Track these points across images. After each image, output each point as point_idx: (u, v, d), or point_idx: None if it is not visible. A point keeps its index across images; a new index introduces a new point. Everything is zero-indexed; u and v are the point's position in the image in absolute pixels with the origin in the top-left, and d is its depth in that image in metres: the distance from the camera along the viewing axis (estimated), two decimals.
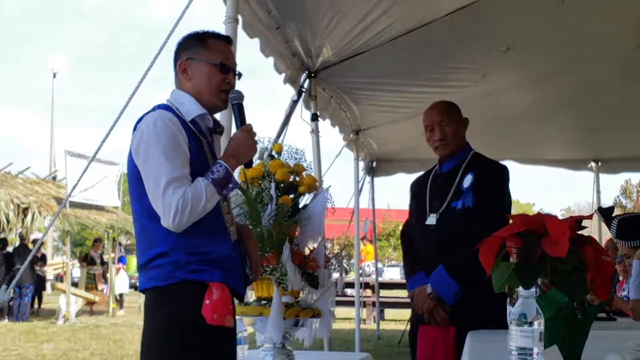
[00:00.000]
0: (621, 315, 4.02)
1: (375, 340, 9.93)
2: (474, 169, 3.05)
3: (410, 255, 3.21)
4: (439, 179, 3.16)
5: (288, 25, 4.22)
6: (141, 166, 2.09)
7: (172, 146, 2.07)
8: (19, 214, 13.35)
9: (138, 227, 2.17)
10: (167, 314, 2.07)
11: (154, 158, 2.05)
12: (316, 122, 5.27)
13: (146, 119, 2.13)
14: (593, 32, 4.88)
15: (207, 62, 2.24)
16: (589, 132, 7.19)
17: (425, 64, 5.22)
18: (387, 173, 8.70)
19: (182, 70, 2.25)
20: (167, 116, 2.11)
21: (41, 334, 11.39)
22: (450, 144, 3.11)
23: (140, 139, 2.09)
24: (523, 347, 1.50)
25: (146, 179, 2.07)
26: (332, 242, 17.23)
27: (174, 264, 2.06)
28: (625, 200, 36.90)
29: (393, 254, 40.67)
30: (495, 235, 1.70)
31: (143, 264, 2.12)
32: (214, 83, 2.23)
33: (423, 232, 3.10)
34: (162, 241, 2.07)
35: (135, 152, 2.11)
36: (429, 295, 2.97)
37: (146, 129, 2.09)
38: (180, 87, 2.27)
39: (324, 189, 2.56)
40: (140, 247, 2.14)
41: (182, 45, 2.29)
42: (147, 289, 2.11)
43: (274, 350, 2.34)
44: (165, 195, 2.01)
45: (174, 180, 2.03)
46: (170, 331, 2.06)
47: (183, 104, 2.21)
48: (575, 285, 1.64)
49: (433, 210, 3.08)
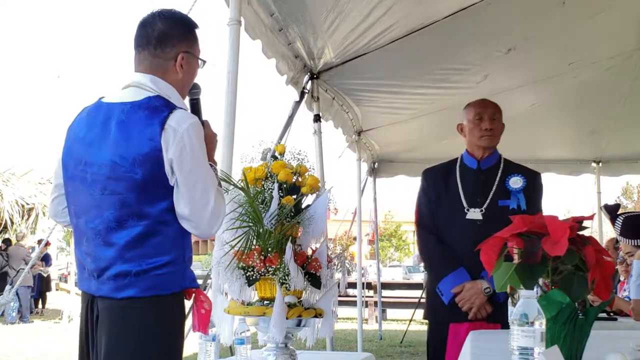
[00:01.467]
0: (622, 316, 4.03)
1: (378, 340, 9.93)
2: (515, 171, 3.12)
3: (444, 249, 3.11)
4: (480, 175, 3.16)
5: (290, 27, 4.23)
6: (185, 174, 1.95)
7: (206, 153, 2.04)
8: (23, 214, 13.37)
9: (140, 231, 1.97)
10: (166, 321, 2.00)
11: (202, 167, 1.99)
12: (319, 124, 5.29)
13: (179, 121, 1.97)
14: (594, 33, 4.89)
15: (198, 59, 2.16)
16: (590, 133, 7.19)
17: (426, 65, 5.23)
18: (389, 174, 8.71)
19: (179, 64, 2.10)
20: (198, 121, 2.03)
21: (45, 334, 11.41)
22: (495, 138, 3.18)
23: (183, 145, 1.95)
24: (524, 346, 1.51)
25: (190, 188, 1.96)
26: (334, 243, 17.22)
27: (179, 273, 2.01)
28: (626, 201, 36.87)
29: (395, 254, 40.64)
30: (497, 236, 1.72)
31: (142, 271, 1.97)
32: (194, 78, 2.18)
33: (463, 226, 3.05)
34: (170, 249, 1.99)
35: (177, 159, 1.94)
36: (484, 291, 2.95)
37: (187, 134, 1.96)
38: (162, 75, 2.09)
39: (327, 189, 2.57)
40: (138, 252, 1.97)
41: (176, 32, 2.12)
42: (145, 297, 1.97)
43: (277, 350, 2.35)
44: (217, 204, 1.98)
45: (219, 189, 2.03)
46: (168, 339, 1.99)
47: (170, 97, 2.07)
48: (576, 286, 1.65)
49: (474, 205, 3.08)
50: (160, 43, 2.09)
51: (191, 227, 1.99)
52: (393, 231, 40.47)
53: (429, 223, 3.21)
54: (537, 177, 3.19)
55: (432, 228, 3.19)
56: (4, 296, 5.82)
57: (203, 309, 2.07)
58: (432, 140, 7.34)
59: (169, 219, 1.98)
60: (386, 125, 6.82)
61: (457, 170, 3.21)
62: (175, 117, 1.97)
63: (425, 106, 5.98)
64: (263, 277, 2.34)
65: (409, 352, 8.86)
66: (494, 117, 3.17)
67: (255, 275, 2.32)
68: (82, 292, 2.11)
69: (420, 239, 3.25)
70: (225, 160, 3.00)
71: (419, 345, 9.50)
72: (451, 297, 3.04)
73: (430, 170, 3.34)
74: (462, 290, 3.00)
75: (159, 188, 1.96)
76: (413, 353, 8.80)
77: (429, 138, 7.32)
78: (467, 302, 2.98)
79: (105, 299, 2.00)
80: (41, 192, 14.21)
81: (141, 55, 2.12)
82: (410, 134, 7.13)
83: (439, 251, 3.13)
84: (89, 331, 2.06)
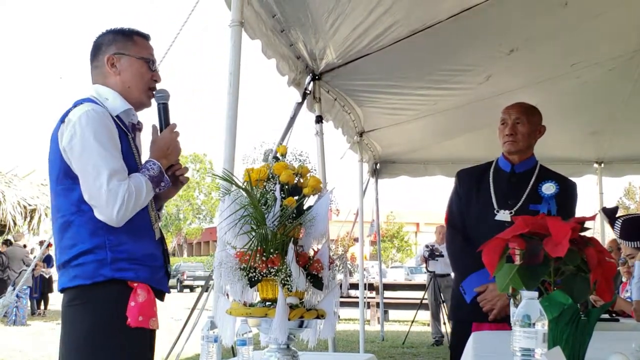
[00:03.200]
0: (624, 317, 4.02)
1: (380, 341, 9.93)
2: (550, 178, 3.08)
3: (469, 249, 3.05)
4: (513, 178, 3.15)
5: (292, 28, 4.23)
6: (76, 159, 2.03)
7: (108, 138, 2.06)
8: (25, 216, 13.40)
9: (61, 223, 2.10)
10: (91, 313, 2.04)
11: (92, 150, 2.02)
12: (320, 125, 5.29)
13: (75, 112, 2.07)
14: (596, 34, 4.89)
15: (138, 58, 2.23)
16: (592, 133, 7.19)
17: (428, 66, 5.23)
18: (390, 175, 8.71)
19: (110, 64, 2.20)
20: (99, 109, 2.09)
21: (47, 335, 11.42)
22: (518, 143, 3.12)
23: (73, 132, 2.03)
24: (526, 348, 1.51)
25: (83, 172, 2.02)
26: (336, 244, 17.23)
27: (100, 262, 2.04)
28: (628, 202, 36.83)
29: (397, 255, 40.63)
30: (499, 237, 1.72)
31: (66, 261, 2.08)
32: (145, 79, 2.24)
33: (492, 227, 2.96)
34: (87, 238, 2.04)
35: (67, 146, 2.04)
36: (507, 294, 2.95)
37: (79, 121, 2.04)
38: (103, 82, 2.22)
39: (328, 190, 2.57)
40: (63, 244, 2.09)
41: (106, 40, 2.25)
42: (70, 287, 2.07)
43: (279, 351, 2.35)
44: (110, 187, 1.99)
45: (116, 172, 2.02)
46: (94, 331, 2.03)
47: (107, 99, 2.17)
48: (578, 287, 1.64)
49: (504, 207, 3.07)
50: (94, 55, 2.27)
51: (97, 213, 2.03)
52: (395, 232, 40.48)
53: (457, 222, 3.22)
54: (573, 185, 3.15)
55: (460, 227, 3.20)
56: (6, 297, 5.82)
57: (133, 302, 2.08)
58: (434, 141, 7.34)
59: (83, 209, 2.04)
60: (388, 126, 6.83)
61: (491, 173, 3.20)
62: (75, 109, 2.09)
63: (427, 107, 5.97)
64: (265, 278, 2.34)
65: (411, 353, 8.86)
66: (518, 121, 3.11)
67: (258, 276, 2.32)
68: None
69: (449, 236, 3.28)
70: (228, 161, 3.00)
71: (420, 346, 9.51)
72: (473, 297, 3.03)
73: (464, 171, 3.34)
74: (485, 290, 2.99)
75: (67, 179, 2.06)
76: (415, 354, 8.80)
77: (431, 139, 7.33)
78: (488, 302, 2.97)
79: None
80: (43, 194, 14.22)
81: (90, 73, 2.29)
82: (412, 134, 7.13)
83: (464, 250, 3.14)
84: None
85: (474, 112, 5.94)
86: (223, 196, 2.27)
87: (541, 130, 3.20)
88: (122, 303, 2.06)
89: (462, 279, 3.10)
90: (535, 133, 3.17)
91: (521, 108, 3.17)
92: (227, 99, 3.12)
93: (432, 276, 9.96)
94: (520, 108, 3.17)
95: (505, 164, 3.20)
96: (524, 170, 3.16)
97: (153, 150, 2.23)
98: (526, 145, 3.15)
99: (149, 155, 2.24)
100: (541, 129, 3.20)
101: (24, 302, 14.08)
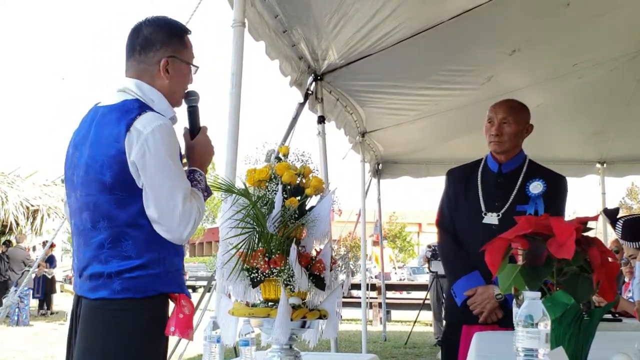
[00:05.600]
0: (627, 317, 4.02)
1: (382, 342, 9.93)
2: (538, 176, 3.03)
3: (461, 252, 3.09)
4: (499, 179, 3.10)
5: (294, 28, 4.23)
6: (149, 176, 1.95)
7: (177, 156, 2.02)
8: (28, 216, 13.43)
9: (111, 233, 1.99)
10: (136, 323, 2.00)
11: (167, 169, 1.96)
12: (323, 125, 5.29)
13: (144, 123, 1.96)
14: (598, 34, 4.89)
15: (187, 64, 2.15)
16: (594, 134, 7.19)
17: (430, 66, 5.23)
18: (393, 176, 8.71)
19: (164, 69, 2.09)
20: (169, 123, 2.01)
21: (50, 336, 11.43)
22: (504, 144, 3.08)
23: (147, 147, 1.94)
24: (529, 348, 1.51)
25: (156, 190, 1.95)
26: (339, 244, 17.23)
27: (154, 277, 2.00)
28: (630, 202, 36.78)
29: (399, 255, 40.61)
30: (502, 237, 1.71)
31: (115, 273, 1.98)
32: (187, 86, 2.17)
33: (479, 230, 3.01)
34: (142, 252, 1.99)
35: (139, 161, 1.94)
36: (496, 297, 2.92)
37: (152, 136, 1.94)
38: (148, 81, 2.09)
39: (331, 191, 2.57)
40: (111, 254, 1.99)
41: (160, 37, 2.11)
42: (117, 299, 1.99)
43: (281, 352, 2.35)
44: (185, 208, 1.96)
45: (188, 192, 2.00)
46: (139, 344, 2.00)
47: (154, 101, 2.07)
48: (581, 287, 1.64)
49: (492, 210, 3.03)
50: (144, 49, 2.10)
51: (162, 231, 1.99)
52: (397, 232, 40.45)
53: (448, 224, 3.20)
54: (561, 180, 3.09)
55: (450, 229, 3.18)
56: (8, 298, 5.83)
57: (181, 314, 2.05)
58: (437, 141, 7.34)
59: (141, 223, 1.98)
60: (390, 127, 6.83)
61: (479, 173, 3.16)
62: (142, 119, 1.97)
63: (430, 107, 5.97)
64: (267, 279, 2.34)
65: (413, 354, 8.86)
66: (505, 121, 3.07)
67: (260, 276, 2.32)
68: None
69: (440, 239, 3.25)
70: (230, 162, 3.01)
71: (423, 347, 9.50)
72: (464, 300, 3.03)
73: (453, 171, 3.31)
74: (475, 293, 2.99)
75: (127, 191, 1.97)
76: (417, 354, 8.80)
77: (433, 139, 7.32)
78: (478, 305, 2.97)
79: (84, 299, 2.04)
80: (46, 194, 14.26)
81: (129, 62, 2.15)
82: (415, 135, 7.13)
83: (455, 253, 3.13)
84: (73, 330, 2.10)
85: (476, 113, 5.91)
86: (225, 197, 2.27)
87: (529, 129, 3.16)
88: (164, 314, 2.05)
89: (453, 281, 3.09)
90: (523, 132, 3.13)
91: (508, 107, 3.11)
92: (230, 100, 3.12)
93: (434, 276, 9.97)
94: (508, 107, 3.11)
95: (493, 163, 3.15)
96: (511, 169, 3.11)
97: (194, 159, 2.17)
98: (513, 145, 3.10)
99: (190, 163, 2.17)
100: (529, 128, 3.16)
101: (25, 303, 14.08)
